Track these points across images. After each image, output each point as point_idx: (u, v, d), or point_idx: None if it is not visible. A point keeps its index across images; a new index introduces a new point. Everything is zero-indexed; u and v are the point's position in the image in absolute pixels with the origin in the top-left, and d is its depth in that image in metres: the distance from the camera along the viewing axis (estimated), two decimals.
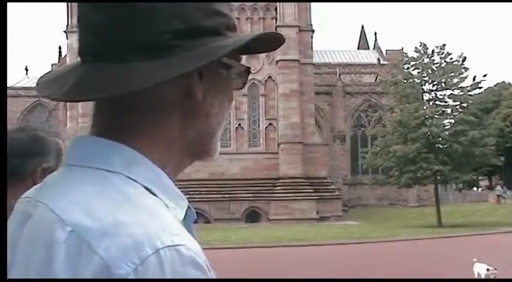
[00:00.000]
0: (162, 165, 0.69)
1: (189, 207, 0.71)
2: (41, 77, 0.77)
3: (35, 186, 0.78)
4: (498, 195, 42.50)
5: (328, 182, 34.64)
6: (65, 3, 35.68)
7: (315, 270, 11.67)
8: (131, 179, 0.66)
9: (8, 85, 45.94)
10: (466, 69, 27.61)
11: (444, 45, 28.14)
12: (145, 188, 0.65)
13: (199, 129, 0.73)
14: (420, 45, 28.39)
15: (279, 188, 32.68)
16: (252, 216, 32.24)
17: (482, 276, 9.09)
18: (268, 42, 0.76)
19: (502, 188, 44.61)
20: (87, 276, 0.57)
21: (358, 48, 57.99)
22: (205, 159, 0.78)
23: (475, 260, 9.55)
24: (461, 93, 27.68)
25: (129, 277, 0.56)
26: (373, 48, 55.46)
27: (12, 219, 0.75)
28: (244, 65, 0.78)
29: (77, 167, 0.69)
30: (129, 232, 0.58)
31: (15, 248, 0.68)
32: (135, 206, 0.62)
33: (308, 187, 32.80)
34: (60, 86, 0.70)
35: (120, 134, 0.69)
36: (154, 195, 0.66)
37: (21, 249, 0.66)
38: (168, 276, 0.57)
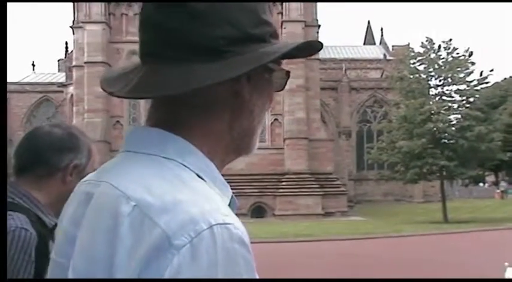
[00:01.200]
0: (210, 157, 0.78)
1: (232, 197, 0.79)
2: (104, 74, 0.86)
3: (96, 171, 0.85)
4: (502, 191, 42.55)
5: (333, 178, 34.62)
6: None
7: (320, 266, 11.69)
8: (184, 165, 0.74)
9: (15, 80, 46.14)
10: (473, 64, 27.45)
11: (451, 40, 27.98)
12: (197, 175, 0.73)
13: (244, 126, 0.81)
14: (426, 41, 28.24)
15: (284, 183, 32.70)
16: (258, 212, 32.29)
17: None
18: (307, 49, 0.84)
19: (506, 183, 44.67)
20: (149, 244, 0.64)
21: (364, 44, 57.78)
22: (245, 154, 0.86)
23: (506, 264, 9.10)
24: (468, 88, 27.53)
25: (186, 247, 0.63)
26: (379, 44, 55.24)
27: (72, 199, 0.83)
28: (285, 69, 0.85)
29: (134, 153, 0.77)
30: (187, 209, 0.66)
31: (81, 222, 0.75)
32: (190, 188, 0.69)
33: (313, 182, 32.79)
34: (123, 84, 0.78)
35: (173, 126, 0.77)
36: (204, 181, 0.74)
37: (87, 222, 0.74)
38: (219, 249, 0.64)
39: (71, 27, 35.78)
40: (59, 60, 52.23)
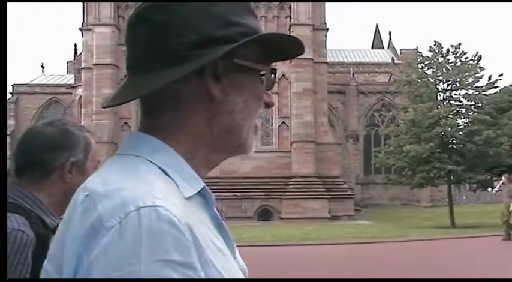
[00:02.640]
0: (188, 156, 0.82)
1: (205, 190, 0.82)
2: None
3: None
4: (510, 196, 42.48)
5: (340, 181, 34.55)
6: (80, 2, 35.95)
7: (325, 270, 11.67)
8: (150, 161, 0.79)
9: (24, 82, 46.47)
10: (482, 68, 27.32)
11: (459, 44, 27.87)
12: (161, 169, 0.78)
13: (225, 124, 0.84)
14: (435, 45, 28.15)
15: (291, 186, 32.66)
16: (264, 215, 32.27)
17: None
18: (282, 43, 0.85)
19: None
20: (86, 227, 0.70)
21: (372, 47, 57.70)
22: (239, 154, 0.89)
23: None
24: (476, 92, 27.40)
25: (115, 228, 0.68)
26: (388, 48, 55.15)
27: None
28: (269, 67, 0.87)
29: (118, 155, 0.83)
30: (122, 195, 0.71)
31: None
32: (139, 178, 0.75)
33: (320, 186, 32.74)
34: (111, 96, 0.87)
35: (152, 129, 0.83)
36: (168, 175, 0.78)
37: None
38: (144, 229, 0.67)
39: (80, 29, 36.01)
40: (68, 62, 52.54)
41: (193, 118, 0.82)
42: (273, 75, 0.88)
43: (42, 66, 50.93)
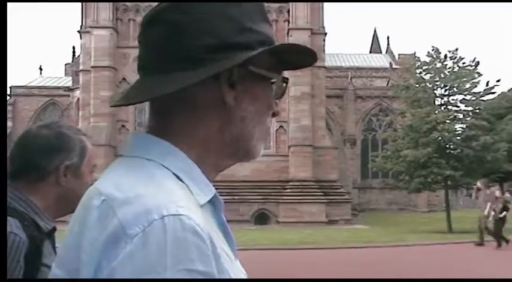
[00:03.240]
0: (199, 162, 0.81)
1: (216, 197, 0.82)
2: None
3: None
4: (508, 202, 42.91)
5: (337, 186, 34.55)
6: (79, 3, 35.96)
7: (322, 274, 11.66)
8: (163, 165, 0.78)
9: (22, 84, 46.42)
10: (479, 74, 27.38)
11: (457, 49, 27.95)
12: (174, 174, 0.77)
13: (235, 132, 0.83)
14: (432, 50, 28.22)
15: (288, 190, 32.65)
16: (261, 219, 32.24)
17: None
18: (298, 53, 0.86)
19: (510, 194, 45.03)
20: (107, 234, 0.69)
21: (370, 52, 57.82)
22: (247, 160, 0.89)
23: None
24: (474, 98, 27.46)
25: (138, 236, 0.67)
26: (386, 52, 55.26)
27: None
28: (281, 76, 0.87)
29: (123, 157, 0.83)
30: (144, 202, 0.70)
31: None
32: (156, 184, 0.73)
33: (318, 190, 32.73)
34: (120, 96, 0.87)
35: (162, 132, 0.82)
36: (182, 181, 0.77)
37: (73, 218, 0.81)
38: (169, 237, 0.67)
39: (78, 31, 35.99)
40: (66, 65, 52.51)
41: (205, 123, 0.82)
42: (284, 84, 0.88)
43: (40, 68, 50.75)
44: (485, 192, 17.96)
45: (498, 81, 28.56)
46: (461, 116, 27.92)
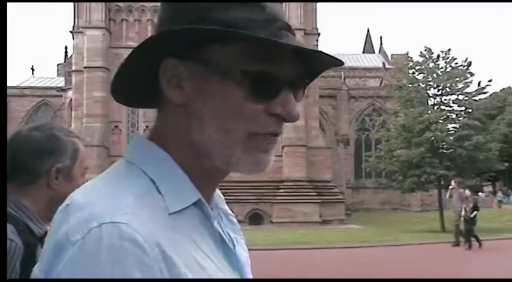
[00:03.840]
0: (183, 166, 0.76)
1: (202, 204, 0.76)
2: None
3: None
4: (499, 201, 43.41)
5: (331, 186, 34.61)
6: (71, 3, 35.81)
7: (316, 274, 11.67)
8: (141, 170, 0.75)
9: (14, 84, 46.17)
10: (471, 74, 27.53)
11: (449, 49, 28.08)
12: (151, 179, 0.74)
13: (196, 134, 0.74)
14: (425, 50, 28.34)
15: (282, 190, 32.67)
16: (255, 219, 32.24)
17: None
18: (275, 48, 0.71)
19: (503, 193, 45.68)
20: (58, 238, 0.68)
21: (363, 52, 57.98)
22: (236, 171, 0.78)
23: None
24: (466, 98, 27.60)
25: (78, 244, 0.66)
26: (379, 52, 55.45)
27: None
28: (259, 70, 0.72)
29: (121, 158, 0.80)
30: (91, 208, 0.68)
31: None
32: (116, 190, 0.71)
33: (311, 190, 32.77)
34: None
35: (153, 132, 0.80)
36: (156, 186, 0.73)
37: None
38: (104, 247, 0.65)
39: (70, 32, 35.84)
40: (58, 65, 52.33)
41: (172, 123, 0.77)
42: (265, 80, 0.72)
43: (32, 69, 50.54)
44: (458, 192, 17.96)
45: (490, 81, 28.69)
46: (454, 115, 28.05)
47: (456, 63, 27.75)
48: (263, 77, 0.72)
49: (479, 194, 56.25)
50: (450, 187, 18.95)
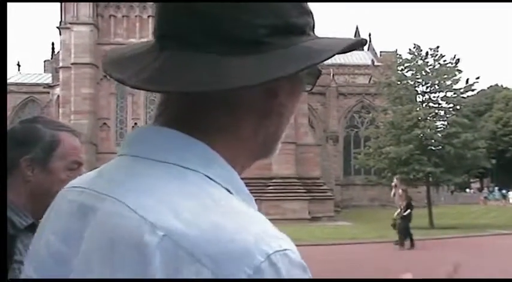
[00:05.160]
0: (232, 165, 0.66)
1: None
2: (109, 54, 0.71)
3: (84, 176, 0.73)
4: (485, 197, 44.39)
5: (320, 183, 34.67)
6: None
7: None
8: (209, 177, 0.62)
9: None
10: (460, 71, 27.68)
11: (438, 47, 28.21)
12: (225, 188, 0.62)
13: (270, 130, 0.70)
14: (414, 47, 28.43)
15: (271, 187, 32.66)
16: None
17: None
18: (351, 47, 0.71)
19: (489, 190, 46.97)
20: None
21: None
22: (265, 159, 0.77)
23: None
24: (455, 95, 27.76)
25: None
26: (368, 50, 55.55)
27: (59, 207, 0.70)
28: (318, 68, 0.73)
29: (144, 160, 0.63)
30: (232, 238, 0.54)
31: (77, 242, 0.63)
32: (226, 208, 0.58)
33: (300, 187, 32.79)
34: (135, 70, 0.64)
35: (192, 127, 0.64)
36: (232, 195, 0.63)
37: (93, 250, 0.60)
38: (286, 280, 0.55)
39: (57, 27, 35.50)
40: (45, 61, 51.82)
41: (245, 118, 0.67)
42: (317, 77, 0.75)
43: (18, 65, 50.04)
44: (398, 190, 17.96)
45: (478, 78, 28.75)
46: (442, 113, 28.21)
47: (445, 61, 27.89)
48: (318, 74, 0.76)
49: (467, 190, 56.89)
50: (393, 184, 18.82)
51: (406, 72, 28.55)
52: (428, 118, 26.99)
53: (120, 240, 0.57)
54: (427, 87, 28.24)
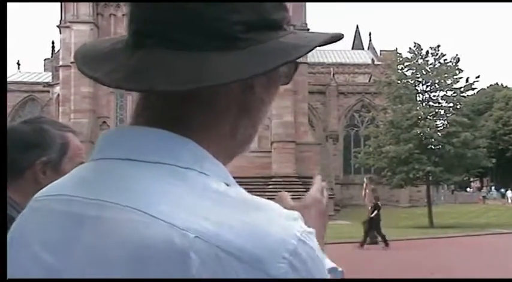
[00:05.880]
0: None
1: None
2: (81, 50, 0.69)
3: (59, 182, 0.68)
4: (483, 197, 44.68)
5: None
6: None
7: None
8: (205, 174, 0.61)
9: None
10: (460, 70, 27.67)
11: (438, 46, 28.21)
12: (224, 183, 0.62)
13: (248, 125, 0.69)
14: (414, 46, 28.43)
15: (271, 186, 32.66)
16: None
17: None
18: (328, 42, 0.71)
19: (489, 189, 47.32)
20: None
21: (352, 48, 58.03)
22: (239, 155, 0.75)
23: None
24: (455, 94, 27.75)
25: (288, 273, 0.55)
26: (368, 49, 55.53)
27: (46, 219, 0.64)
28: (296, 62, 0.71)
29: (136, 162, 0.61)
30: (264, 230, 0.55)
31: (71, 254, 0.60)
32: (237, 202, 0.59)
33: (300, 186, 32.76)
34: (109, 68, 0.63)
35: (175, 126, 0.63)
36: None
37: (115, 260, 0.57)
38: (318, 253, 0.58)
39: (58, 26, 35.49)
40: (45, 60, 51.81)
41: (224, 116, 0.65)
42: (294, 71, 0.73)
43: (18, 64, 50.00)
44: (366, 190, 17.88)
45: (478, 77, 28.73)
46: (442, 112, 28.21)
47: (445, 60, 27.89)
48: (296, 68, 0.73)
49: (468, 189, 56.95)
50: (364, 184, 18.73)
51: (406, 71, 28.54)
52: (428, 117, 27.00)
53: (147, 250, 0.55)
54: (427, 86, 28.24)
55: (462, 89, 27.85)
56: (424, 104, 28.16)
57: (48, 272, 0.61)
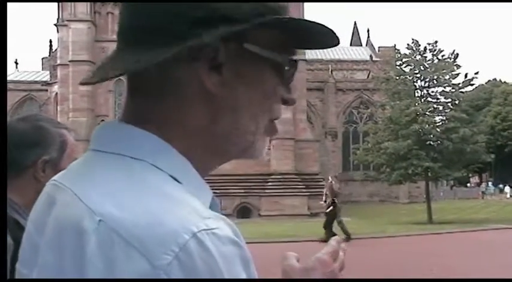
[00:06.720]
0: (187, 157, 0.67)
1: (213, 199, 0.70)
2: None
3: (62, 171, 0.76)
4: (482, 192, 44.82)
5: (319, 178, 34.68)
6: None
7: None
8: (156, 166, 0.64)
9: None
10: (458, 66, 27.65)
11: (436, 42, 28.17)
12: (171, 176, 0.64)
13: (227, 124, 0.69)
14: (412, 42, 28.39)
15: (270, 184, 32.70)
16: (244, 212, 32.24)
17: None
18: (314, 32, 0.70)
19: (487, 184, 47.54)
20: (131, 271, 0.55)
21: (350, 45, 58.03)
22: (246, 158, 0.76)
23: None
24: (453, 90, 27.73)
25: (172, 265, 0.54)
26: (366, 45, 55.54)
27: (39, 200, 0.74)
28: (287, 56, 0.71)
29: (101, 153, 0.67)
30: (160, 221, 0.56)
31: (44, 230, 0.67)
32: (161, 194, 0.60)
33: (299, 183, 32.83)
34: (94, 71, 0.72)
35: (143, 120, 0.67)
36: (180, 184, 0.64)
37: (50, 236, 0.64)
38: (216, 256, 0.56)
39: (55, 25, 35.43)
40: (43, 59, 51.70)
41: (194, 112, 0.67)
42: (292, 68, 0.72)
43: (16, 63, 49.93)
44: (327, 186, 17.81)
45: (476, 73, 28.70)
46: (440, 108, 28.19)
47: (443, 56, 27.85)
48: (293, 65, 0.72)
49: (468, 185, 57.07)
50: (328, 181, 18.68)
51: (405, 67, 28.52)
52: (427, 113, 26.98)
53: (67, 226, 0.61)
54: (425, 82, 28.22)
55: (461, 85, 27.82)
56: (422, 100, 28.14)
57: (32, 248, 0.69)
